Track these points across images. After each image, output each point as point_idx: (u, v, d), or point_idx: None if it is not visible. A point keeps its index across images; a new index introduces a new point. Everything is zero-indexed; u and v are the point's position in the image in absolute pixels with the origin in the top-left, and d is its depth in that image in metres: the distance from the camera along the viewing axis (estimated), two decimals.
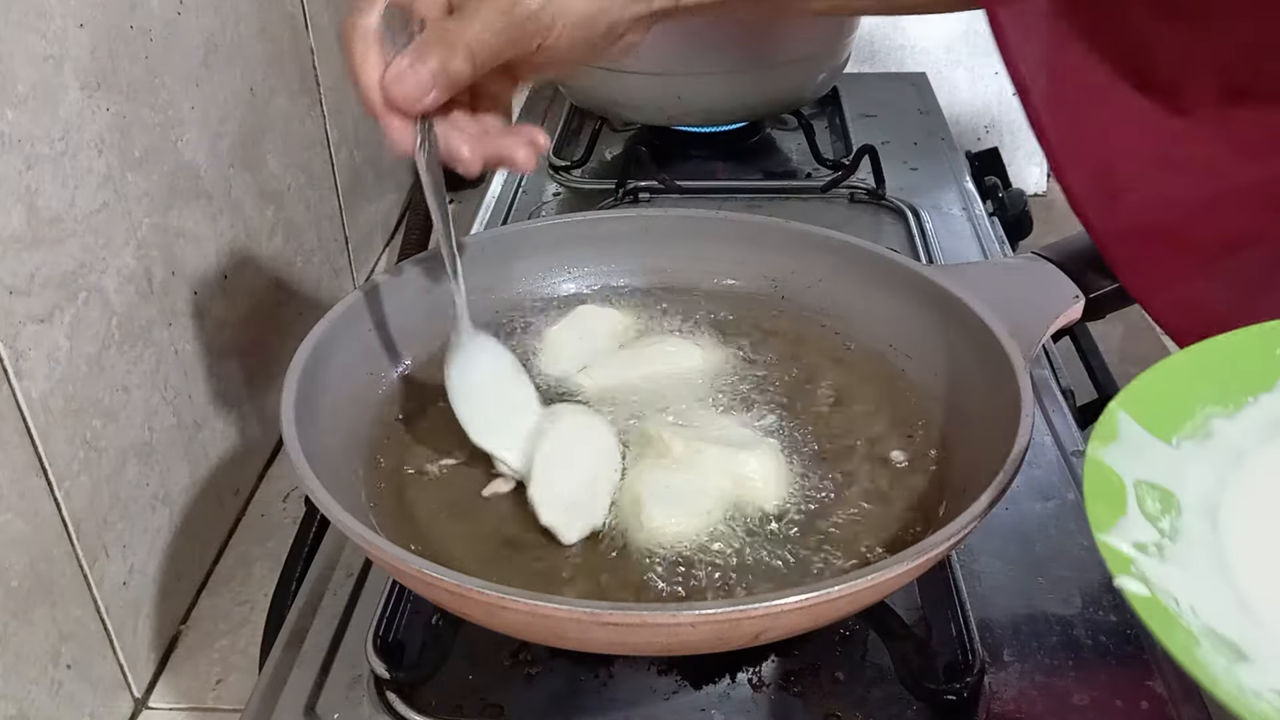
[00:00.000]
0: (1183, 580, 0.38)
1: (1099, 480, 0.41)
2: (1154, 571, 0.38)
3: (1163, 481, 0.43)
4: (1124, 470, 0.42)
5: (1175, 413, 0.46)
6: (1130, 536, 0.39)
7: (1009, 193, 0.98)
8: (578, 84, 0.98)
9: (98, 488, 0.62)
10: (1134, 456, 0.43)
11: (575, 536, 0.52)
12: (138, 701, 0.67)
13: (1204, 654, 0.35)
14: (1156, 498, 0.42)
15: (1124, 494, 0.41)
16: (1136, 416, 0.44)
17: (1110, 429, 0.43)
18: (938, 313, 0.62)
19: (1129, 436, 0.44)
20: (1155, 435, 0.44)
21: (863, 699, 0.51)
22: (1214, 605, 0.38)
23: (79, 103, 0.60)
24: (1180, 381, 0.47)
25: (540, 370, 0.64)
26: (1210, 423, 0.46)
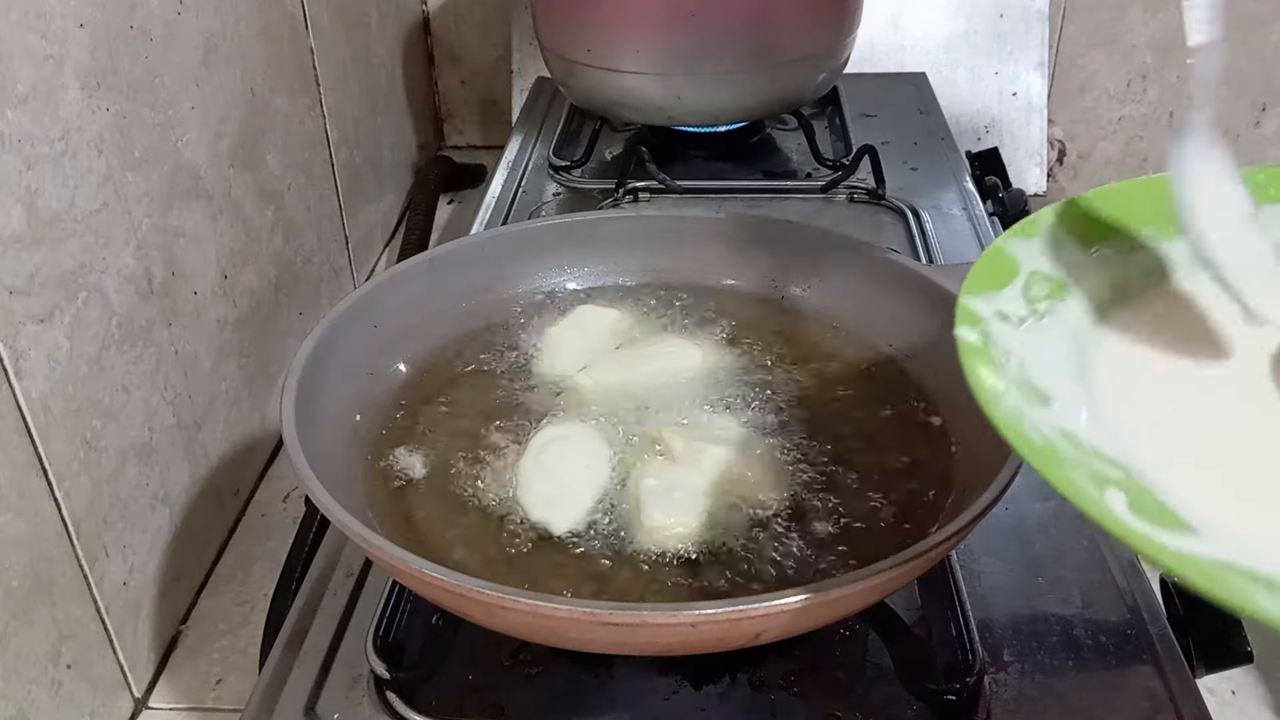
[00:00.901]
0: (1027, 344, 0.37)
1: (992, 260, 0.40)
2: (1000, 332, 0.37)
3: (1058, 275, 0.41)
4: (1025, 258, 0.41)
5: (1107, 228, 0.44)
6: (997, 306, 0.38)
7: (1009, 193, 0.98)
8: (578, 84, 0.98)
9: (98, 488, 0.62)
10: (1044, 251, 0.42)
11: (564, 526, 0.52)
12: (138, 701, 0.67)
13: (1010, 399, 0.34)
14: (1047, 286, 0.41)
15: (1014, 275, 0.40)
16: (1063, 222, 0.43)
17: (1031, 227, 0.42)
18: (938, 313, 0.61)
19: (1050, 237, 0.42)
20: (1076, 242, 0.43)
21: (863, 699, 0.51)
22: (1045, 366, 0.37)
23: (79, 103, 0.60)
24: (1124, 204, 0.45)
25: (540, 370, 0.64)
26: (1141, 239, 0.44)
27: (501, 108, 1.36)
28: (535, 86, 1.19)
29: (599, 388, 0.62)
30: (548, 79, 1.11)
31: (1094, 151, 1.33)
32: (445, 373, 0.64)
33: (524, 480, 0.55)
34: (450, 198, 1.26)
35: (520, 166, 1.03)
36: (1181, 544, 0.30)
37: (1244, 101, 1.27)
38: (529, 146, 1.07)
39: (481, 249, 0.69)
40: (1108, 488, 0.32)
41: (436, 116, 1.38)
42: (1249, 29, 1.23)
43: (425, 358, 0.64)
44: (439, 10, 1.31)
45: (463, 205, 1.25)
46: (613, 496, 0.54)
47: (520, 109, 1.18)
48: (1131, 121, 1.31)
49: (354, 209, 1.04)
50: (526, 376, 0.63)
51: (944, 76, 1.23)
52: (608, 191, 0.94)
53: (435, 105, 1.37)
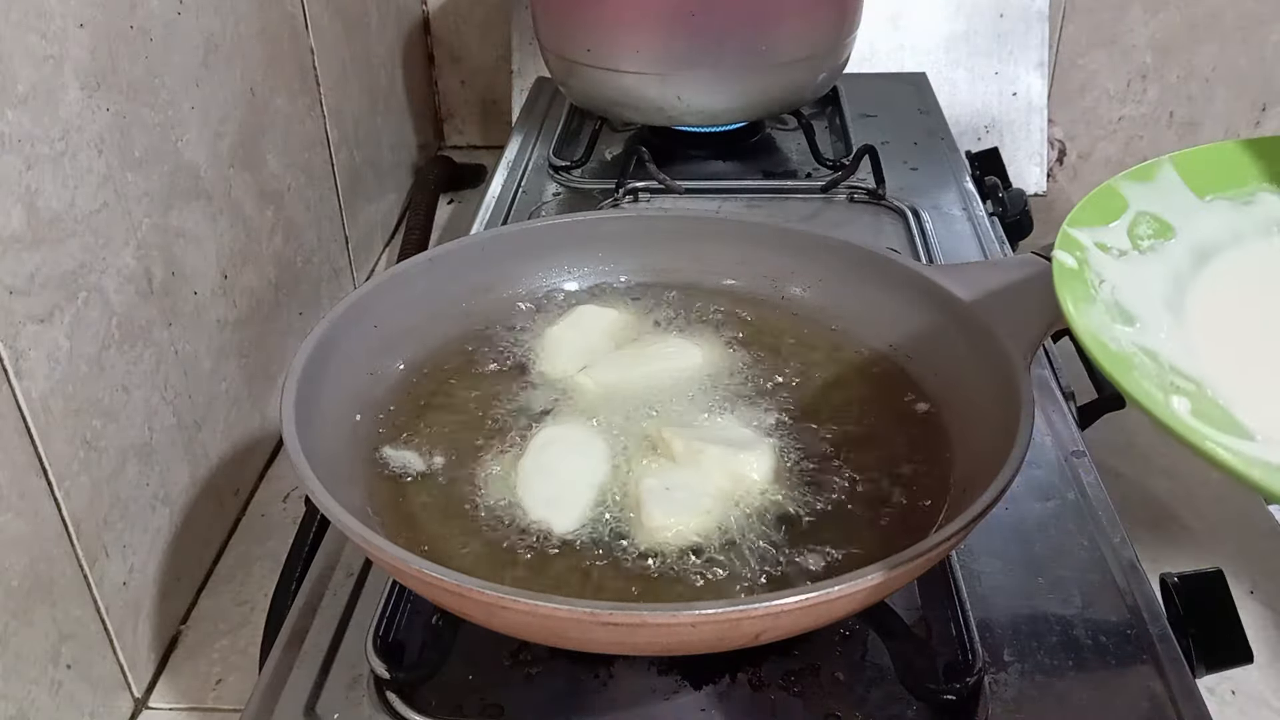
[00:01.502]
0: (1123, 273, 0.38)
1: (1103, 198, 0.41)
2: (1098, 261, 0.38)
3: (1171, 217, 0.42)
4: (1136, 199, 0.41)
5: (1225, 179, 0.45)
6: (1099, 238, 0.39)
7: (1009, 193, 0.98)
8: (577, 84, 0.98)
9: (98, 488, 0.62)
10: (1156, 194, 0.42)
11: (564, 526, 0.52)
12: (138, 701, 0.67)
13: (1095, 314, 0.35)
14: (1153, 225, 0.42)
15: (1122, 213, 0.41)
16: (1182, 173, 0.44)
17: (1148, 172, 0.43)
18: (938, 313, 0.62)
19: (1163, 181, 0.43)
20: (1191, 189, 0.44)
21: (863, 699, 0.51)
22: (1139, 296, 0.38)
23: (79, 103, 0.60)
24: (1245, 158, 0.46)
25: (540, 370, 0.64)
26: (1258, 194, 0.45)
27: (501, 108, 1.36)
28: (535, 86, 1.19)
29: (599, 388, 0.62)
30: (548, 79, 1.11)
31: (1094, 151, 1.33)
32: (445, 373, 0.64)
33: (524, 480, 0.55)
34: (450, 198, 1.26)
35: (520, 166, 1.03)
36: (1240, 446, 0.32)
37: (1244, 101, 1.27)
38: (529, 146, 1.07)
39: (481, 249, 0.69)
40: (1174, 395, 0.33)
41: (436, 116, 1.38)
42: (1249, 29, 1.23)
43: (425, 358, 0.64)
44: (439, 10, 1.31)
45: (463, 205, 1.25)
46: (613, 496, 0.54)
47: (520, 109, 1.18)
48: (1131, 121, 1.31)
49: (354, 209, 1.04)
50: (526, 376, 0.63)
51: (944, 76, 1.23)
52: (608, 191, 0.94)
53: (435, 105, 1.37)
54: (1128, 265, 0.39)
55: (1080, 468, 0.64)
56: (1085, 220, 0.40)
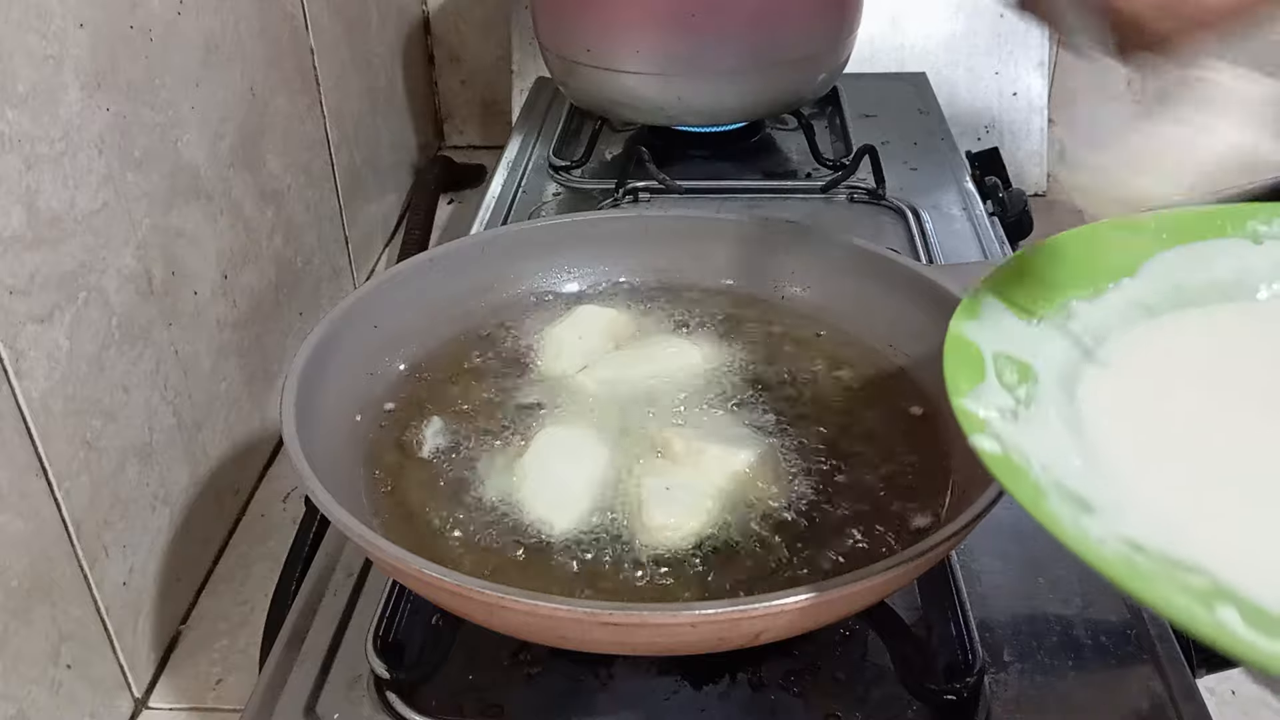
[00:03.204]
0: (1034, 440, 0.40)
1: (959, 351, 0.42)
2: (1007, 432, 0.39)
3: (1021, 355, 0.44)
4: (984, 343, 0.43)
5: (1038, 295, 0.47)
6: (987, 401, 0.40)
7: (1009, 193, 0.98)
8: (578, 84, 0.98)
9: (98, 488, 0.62)
10: (995, 331, 0.44)
11: (564, 526, 0.52)
12: (138, 701, 0.67)
13: (1052, 505, 0.36)
14: (1014, 369, 0.43)
15: (982, 364, 0.42)
16: (1000, 296, 0.46)
17: (974, 308, 0.45)
18: (938, 313, 0.61)
19: (991, 314, 0.45)
20: (1017, 315, 0.46)
21: (863, 699, 0.51)
22: (1063, 463, 0.39)
23: (79, 103, 0.60)
24: (1045, 267, 0.48)
25: (540, 370, 0.64)
26: (1071, 304, 0.47)
27: (501, 108, 1.36)
28: (535, 86, 1.19)
29: (599, 388, 0.62)
30: (548, 79, 1.11)
31: None
32: (445, 373, 0.64)
33: (524, 480, 0.55)
34: (450, 198, 1.26)
35: (520, 166, 1.03)
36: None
37: None
38: (529, 146, 1.07)
39: (481, 249, 0.69)
40: (1216, 604, 0.32)
41: (436, 116, 1.38)
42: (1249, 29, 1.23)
43: (425, 358, 0.64)
44: (439, 10, 1.31)
45: (463, 205, 1.25)
46: (613, 496, 0.54)
47: (520, 109, 1.18)
48: None
49: (354, 209, 1.04)
50: (526, 376, 0.63)
51: (944, 76, 1.23)
52: (608, 191, 0.94)
53: (435, 105, 1.37)
54: (1029, 429, 0.41)
55: None
56: (961, 384, 0.41)
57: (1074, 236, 0.50)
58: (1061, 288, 0.48)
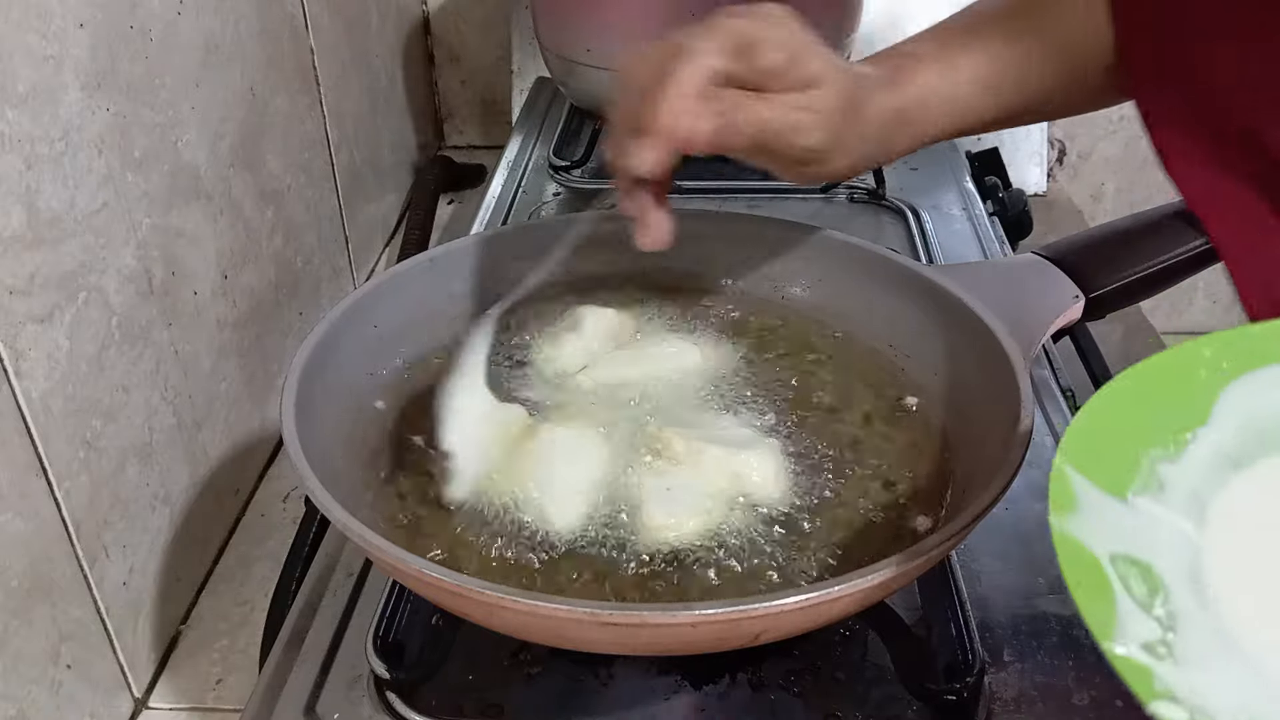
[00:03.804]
0: (1207, 687, 0.35)
1: (1076, 563, 0.38)
2: (1178, 683, 0.34)
3: (1137, 553, 0.39)
4: (1094, 543, 0.38)
5: (1121, 463, 0.42)
6: (1135, 636, 0.36)
7: (1009, 193, 0.98)
8: (578, 84, 0.98)
9: (98, 488, 0.62)
10: (1098, 524, 0.39)
11: (564, 526, 0.52)
12: (138, 701, 0.67)
13: None
14: (1138, 575, 0.38)
15: (1106, 578, 0.38)
16: (1085, 472, 0.41)
17: (1066, 493, 0.40)
18: (938, 313, 0.62)
19: (1086, 499, 0.40)
20: (1109, 493, 0.41)
21: (863, 699, 0.51)
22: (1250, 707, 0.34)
23: (79, 103, 0.60)
24: (1115, 423, 0.43)
25: (540, 370, 0.64)
26: (1158, 470, 0.43)
27: (501, 108, 1.36)
28: (535, 86, 1.19)
29: (599, 388, 0.62)
30: (548, 79, 1.11)
31: (1094, 151, 1.33)
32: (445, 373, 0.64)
33: (524, 480, 0.55)
34: (450, 198, 1.26)
35: (520, 166, 1.03)
36: None
37: None
38: (529, 146, 1.07)
39: (481, 249, 0.69)
40: None
41: (436, 116, 1.38)
42: None
43: (425, 358, 0.64)
44: (439, 10, 1.31)
45: (463, 205, 1.25)
46: (613, 496, 0.54)
47: (520, 109, 1.18)
48: (1131, 121, 1.31)
49: (354, 209, 1.04)
50: (526, 376, 0.63)
51: None
52: (608, 191, 0.94)
53: (435, 105, 1.37)
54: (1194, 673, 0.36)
55: None
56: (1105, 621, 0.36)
57: (1133, 380, 0.45)
58: (1139, 448, 0.43)
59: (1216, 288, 1.39)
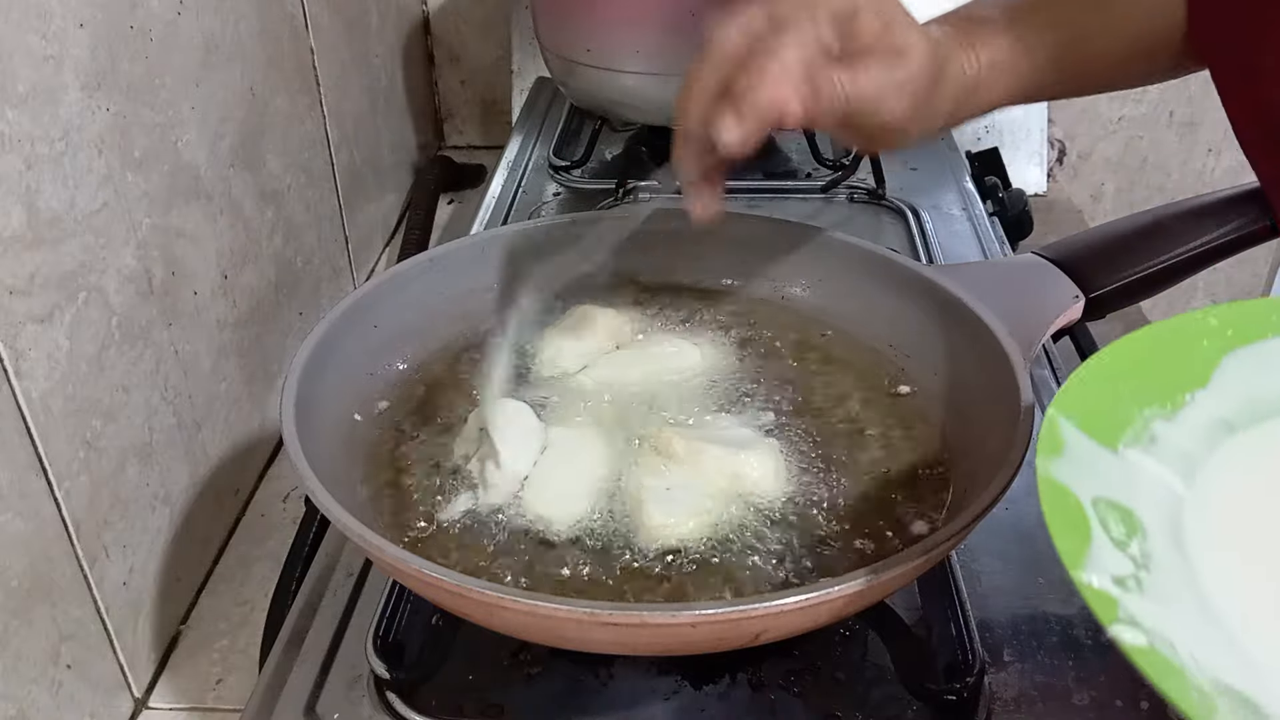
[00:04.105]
0: (1171, 620, 0.35)
1: (1057, 502, 0.38)
2: (1141, 612, 0.35)
3: (1120, 498, 0.40)
4: (1079, 487, 0.39)
5: (1115, 416, 0.43)
6: (1106, 569, 0.37)
7: (1009, 193, 0.98)
8: (578, 84, 0.98)
9: (98, 488, 0.62)
10: (1085, 470, 0.40)
11: (564, 525, 0.53)
12: (138, 701, 0.67)
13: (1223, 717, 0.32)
14: (1118, 518, 0.39)
15: (1085, 517, 0.38)
16: (1078, 423, 0.42)
17: (1055, 439, 0.40)
18: (938, 313, 0.62)
19: (1075, 447, 0.41)
20: (1100, 443, 0.42)
21: (863, 699, 0.51)
22: (1210, 651, 0.35)
23: (79, 103, 0.60)
24: (1114, 380, 0.44)
25: (540, 370, 0.64)
26: (1152, 426, 0.43)
27: (501, 108, 1.36)
28: (535, 86, 1.19)
29: (599, 388, 0.62)
30: (548, 79, 1.11)
31: (1094, 151, 1.33)
32: (445, 373, 0.64)
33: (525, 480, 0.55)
34: (450, 198, 1.26)
35: (520, 166, 1.03)
36: None
37: None
38: (529, 146, 1.07)
39: (481, 249, 0.69)
40: None
41: (436, 116, 1.38)
42: None
43: (425, 358, 0.64)
44: (439, 10, 1.31)
45: (463, 205, 1.25)
46: (613, 496, 0.54)
47: (520, 109, 1.18)
48: (1131, 121, 1.31)
49: (354, 209, 1.04)
50: (526, 377, 0.63)
51: None
52: (608, 191, 0.94)
53: (435, 105, 1.37)
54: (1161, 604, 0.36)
55: None
56: (1074, 551, 0.37)
57: (1137, 341, 0.46)
58: (1136, 405, 0.44)
59: (1216, 288, 1.39)
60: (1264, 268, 1.38)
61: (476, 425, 0.56)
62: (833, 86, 0.49)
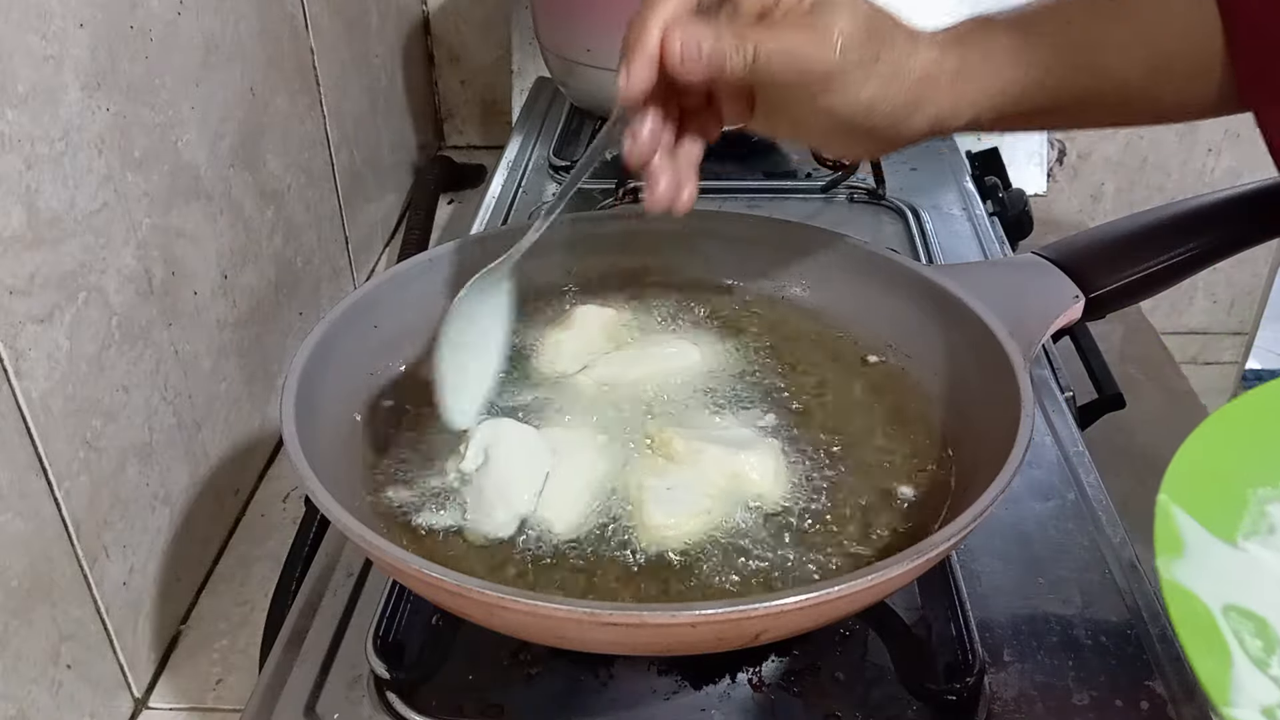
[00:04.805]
0: None
1: (1188, 616, 0.35)
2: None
3: (1252, 606, 0.36)
4: (1206, 593, 0.36)
5: (1227, 502, 0.39)
6: (1251, 699, 0.33)
7: (1009, 193, 0.98)
8: (578, 84, 0.98)
9: (98, 488, 0.62)
10: (1209, 571, 0.36)
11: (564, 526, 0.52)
12: (138, 701, 0.67)
13: None
14: (1252, 631, 0.35)
15: (1220, 634, 0.35)
16: (1192, 511, 0.38)
17: (1173, 535, 0.37)
18: (938, 313, 0.62)
19: (1194, 542, 0.37)
20: (1217, 535, 0.38)
21: (863, 699, 0.51)
22: None
23: (79, 103, 0.60)
24: (1221, 458, 0.40)
25: (540, 370, 0.64)
26: (1268, 510, 0.40)
27: (501, 108, 1.36)
28: (535, 86, 1.19)
29: (599, 388, 0.62)
30: (548, 79, 1.11)
31: (1094, 151, 1.33)
32: None
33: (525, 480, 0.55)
34: (450, 198, 1.26)
35: (520, 166, 1.03)
36: None
37: None
38: (529, 146, 1.07)
39: (481, 249, 0.69)
40: None
41: (436, 116, 1.38)
42: None
43: (425, 358, 0.64)
44: (439, 10, 1.31)
45: (463, 205, 1.25)
46: (613, 496, 0.54)
47: (520, 109, 1.18)
48: None
49: (354, 209, 1.04)
50: (526, 377, 0.63)
51: None
52: (608, 191, 0.94)
53: (435, 105, 1.37)
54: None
55: (1080, 468, 0.64)
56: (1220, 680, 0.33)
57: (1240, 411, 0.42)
58: (1249, 486, 0.40)
59: (1216, 288, 1.39)
60: (1264, 268, 1.38)
61: (482, 445, 0.55)
62: (730, 37, 0.49)
